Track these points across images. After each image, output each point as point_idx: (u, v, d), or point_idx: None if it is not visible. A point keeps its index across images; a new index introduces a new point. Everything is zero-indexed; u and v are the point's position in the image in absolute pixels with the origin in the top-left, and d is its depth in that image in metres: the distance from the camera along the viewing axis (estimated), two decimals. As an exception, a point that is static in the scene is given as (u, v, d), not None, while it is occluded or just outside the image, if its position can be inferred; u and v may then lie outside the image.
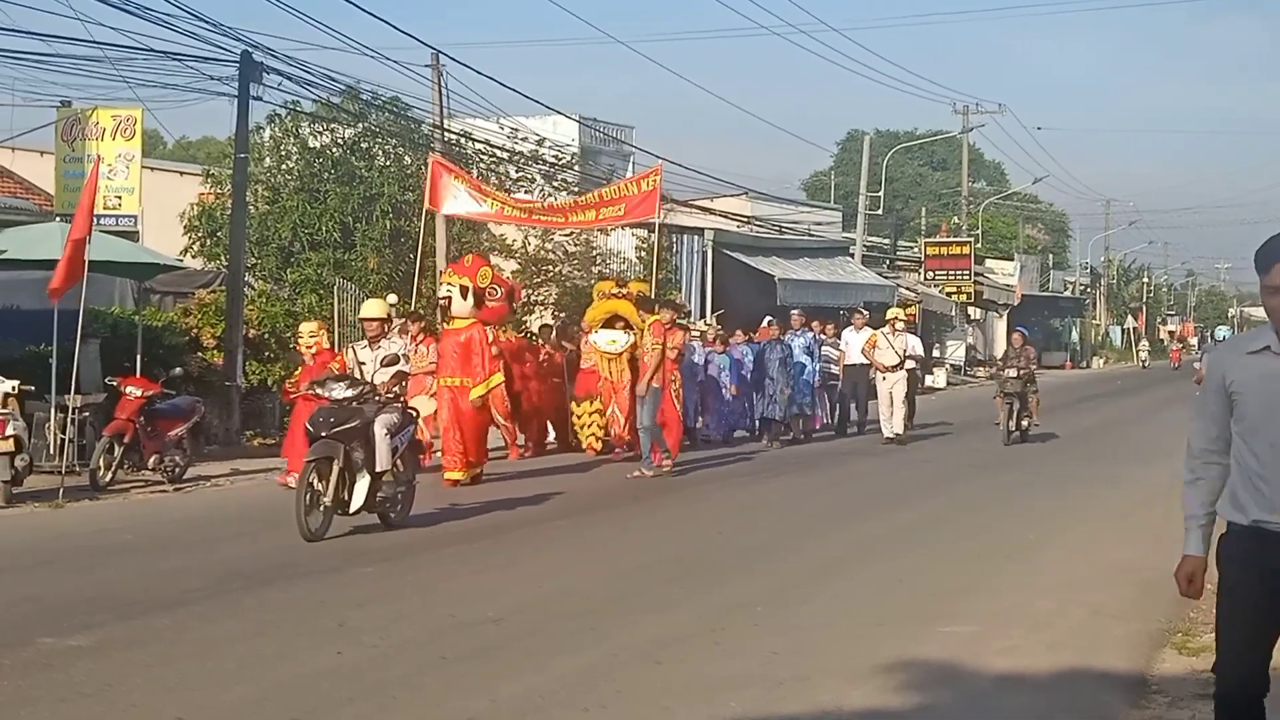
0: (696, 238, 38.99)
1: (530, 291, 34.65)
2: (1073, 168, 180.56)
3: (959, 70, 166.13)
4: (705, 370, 25.72)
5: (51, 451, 18.26)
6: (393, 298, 20.45)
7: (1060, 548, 14.00)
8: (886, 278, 50.11)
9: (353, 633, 9.64)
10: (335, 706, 7.85)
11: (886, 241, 64.09)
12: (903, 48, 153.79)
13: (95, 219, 18.28)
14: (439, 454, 19.06)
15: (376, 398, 14.06)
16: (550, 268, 35.33)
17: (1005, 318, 66.39)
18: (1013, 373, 25.22)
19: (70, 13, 42.69)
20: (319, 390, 14.22)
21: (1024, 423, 25.53)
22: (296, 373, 19.71)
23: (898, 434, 25.50)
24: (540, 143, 37.15)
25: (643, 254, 37.16)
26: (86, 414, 18.32)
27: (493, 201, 22.99)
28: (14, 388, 16.24)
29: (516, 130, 36.13)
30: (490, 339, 19.34)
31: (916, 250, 60.50)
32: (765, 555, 13.28)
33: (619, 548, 13.81)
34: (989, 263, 65.48)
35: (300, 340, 19.24)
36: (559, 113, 42.09)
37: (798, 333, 27.04)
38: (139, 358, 20.16)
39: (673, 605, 10.78)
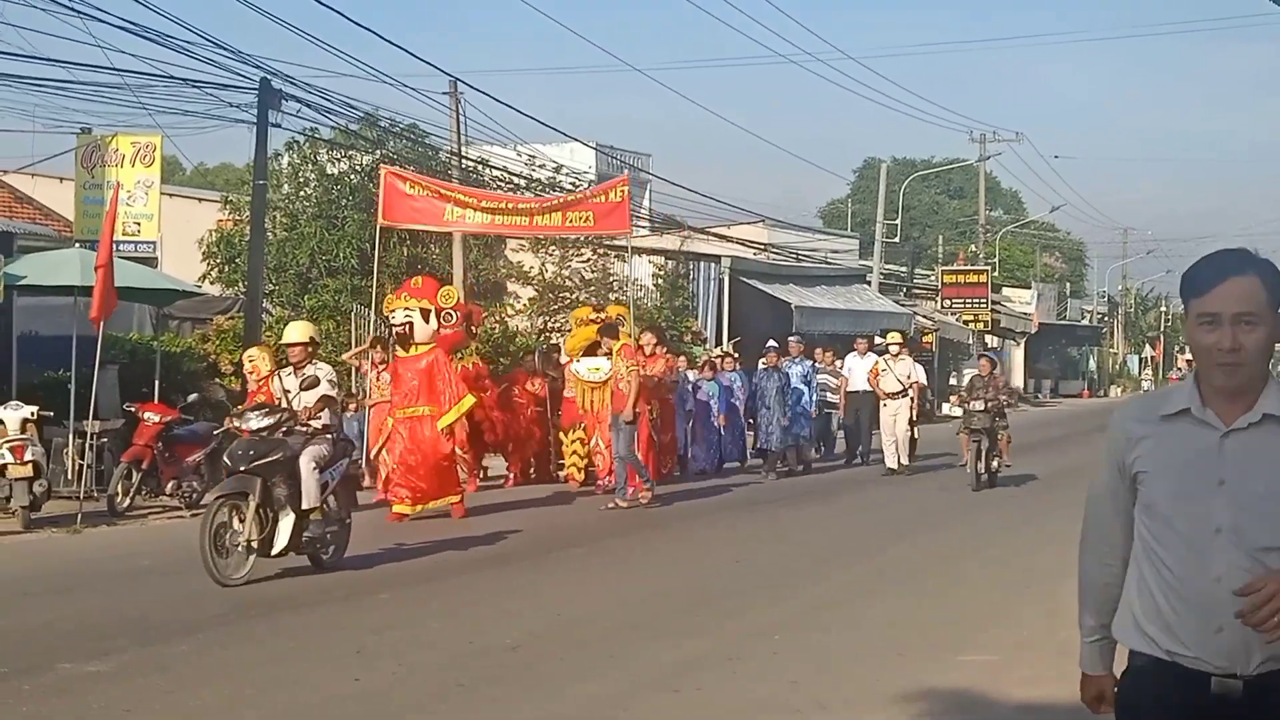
0: (713, 265, 39.03)
1: (548, 319, 34.67)
2: (1090, 196, 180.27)
3: (976, 98, 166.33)
4: (694, 397, 25.01)
5: (70, 477, 18.29)
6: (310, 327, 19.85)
7: (1080, 576, 13.91)
8: (903, 305, 50.08)
9: (370, 659, 9.63)
10: (353, 733, 7.83)
11: (904, 269, 64.08)
12: (920, 76, 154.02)
13: (115, 245, 18.32)
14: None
15: (302, 427, 13.07)
16: (567, 295, 35.36)
17: (1023, 346, 66.31)
18: (980, 405, 22.43)
19: (91, 40, 42.93)
20: (236, 422, 13.26)
21: (994, 463, 22.53)
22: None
23: (903, 464, 24.76)
24: (557, 169, 37.26)
25: (660, 281, 37.18)
26: (105, 440, 18.35)
27: (453, 207, 21.08)
28: (33, 413, 16.28)
29: (534, 157, 36.23)
30: (450, 363, 18.40)
31: (934, 278, 60.48)
32: (783, 583, 13.23)
33: (636, 575, 13.78)
34: (1006, 291, 65.42)
35: (249, 365, 18.12)
36: (576, 140, 42.25)
37: (795, 361, 26.33)
38: (157, 384, 20.20)
39: (691, 633, 10.74)
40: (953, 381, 51.48)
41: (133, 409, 18.38)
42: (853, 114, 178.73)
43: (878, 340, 27.24)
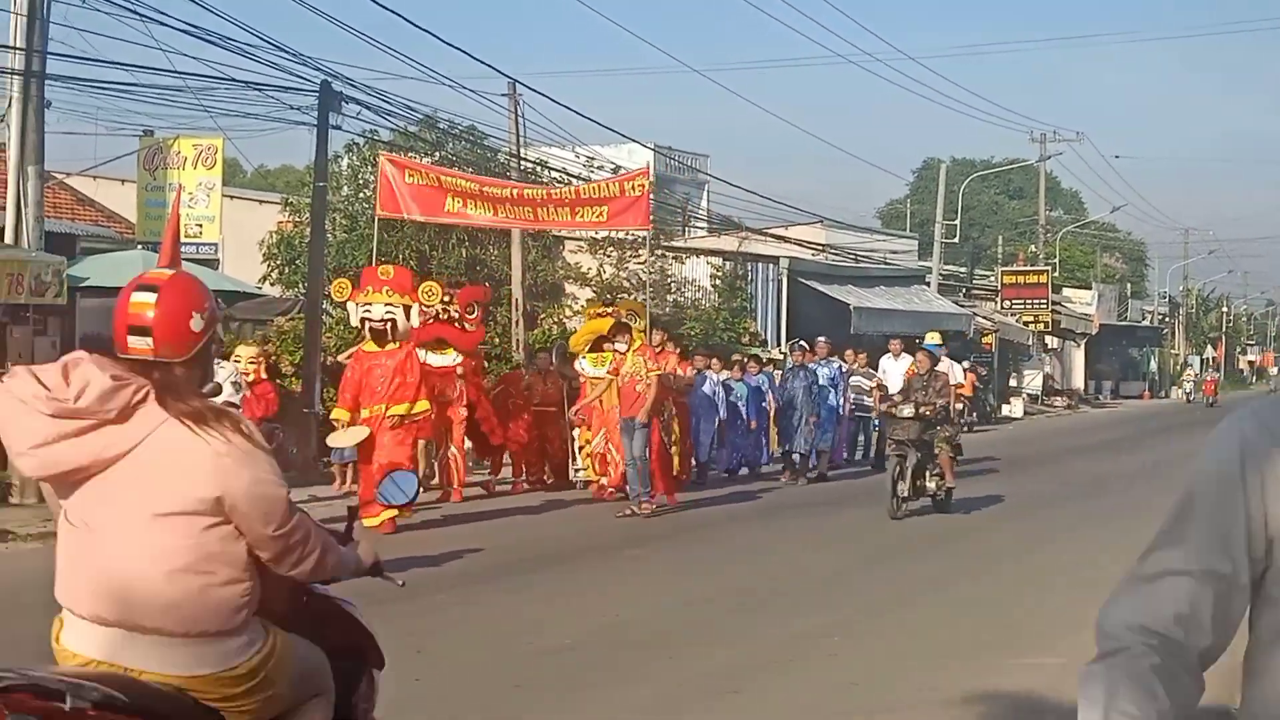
0: (771, 266, 38.94)
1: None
2: (1151, 196, 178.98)
3: (1036, 98, 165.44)
4: (727, 400, 23.73)
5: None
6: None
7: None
8: (963, 306, 49.79)
9: (430, 659, 9.67)
10: (413, 733, 7.86)
11: (963, 270, 63.75)
12: (980, 76, 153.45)
13: (178, 247, 18.46)
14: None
15: None
16: (625, 295, 35.36)
17: (1083, 347, 65.89)
18: (908, 411, 18.20)
19: (153, 43, 43.12)
20: None
21: (931, 484, 18.38)
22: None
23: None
24: (615, 170, 37.23)
25: (717, 282, 37.15)
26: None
27: (454, 199, 20.15)
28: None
29: (592, 159, 36.26)
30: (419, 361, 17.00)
31: (993, 279, 60.17)
32: (838, 586, 13.21)
33: (691, 577, 13.77)
34: (1066, 291, 64.95)
35: (236, 365, 15.38)
36: (634, 141, 42.27)
37: (822, 361, 25.31)
38: (218, 384, 20.31)
39: (747, 635, 10.74)
40: (1013, 382, 51.26)
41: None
42: (912, 114, 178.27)
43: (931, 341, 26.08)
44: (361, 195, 31.85)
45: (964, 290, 56.94)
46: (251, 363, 16.85)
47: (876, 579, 13.70)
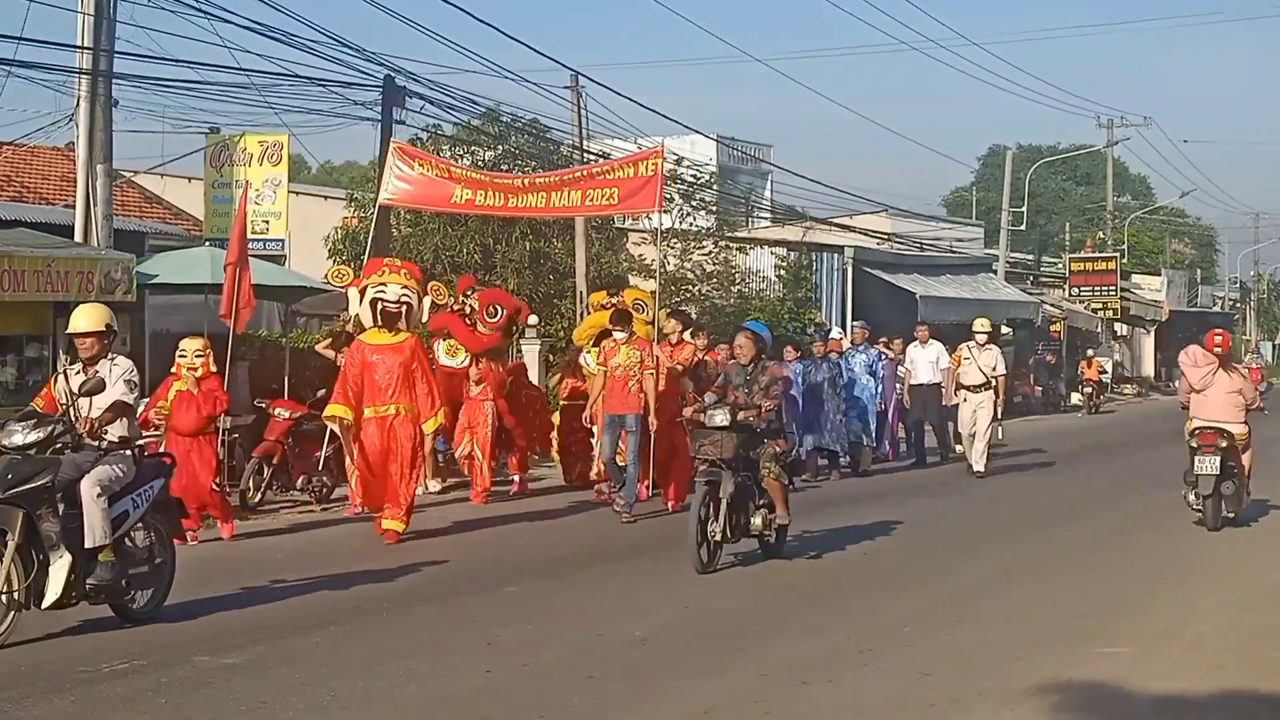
0: (836, 255, 38.78)
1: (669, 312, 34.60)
2: (1220, 180, 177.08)
3: (1103, 83, 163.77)
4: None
5: (203, 472, 18.50)
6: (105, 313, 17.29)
7: (1217, 569, 13.67)
8: (1030, 294, 49.45)
9: (501, 652, 9.67)
10: (485, 726, 7.85)
11: (1030, 257, 63.33)
12: (1045, 61, 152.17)
13: (246, 243, 18.54)
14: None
15: (97, 443, 10.45)
16: (689, 288, 35.32)
17: (1153, 334, 65.30)
18: (722, 418, 13.06)
19: (218, 40, 43.47)
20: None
21: (756, 520, 13.34)
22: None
23: (986, 467, 22.00)
24: (678, 162, 37.19)
25: (782, 272, 37.03)
26: (236, 436, 18.56)
27: (462, 189, 19.29)
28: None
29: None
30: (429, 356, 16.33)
31: (1061, 266, 59.72)
32: (913, 576, 13.10)
33: (764, 568, 13.68)
34: (1135, 278, 64.41)
35: (181, 360, 15.32)
36: (697, 132, 42.16)
37: (859, 348, 23.77)
38: (286, 380, 20.42)
39: (821, 626, 10.68)
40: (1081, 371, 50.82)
41: (263, 405, 18.59)
42: (977, 100, 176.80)
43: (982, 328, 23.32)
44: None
45: (1031, 278, 56.56)
46: (198, 356, 15.24)
47: (949, 570, 13.57)
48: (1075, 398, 46.64)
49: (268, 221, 25.51)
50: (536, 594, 12.12)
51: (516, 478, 19.72)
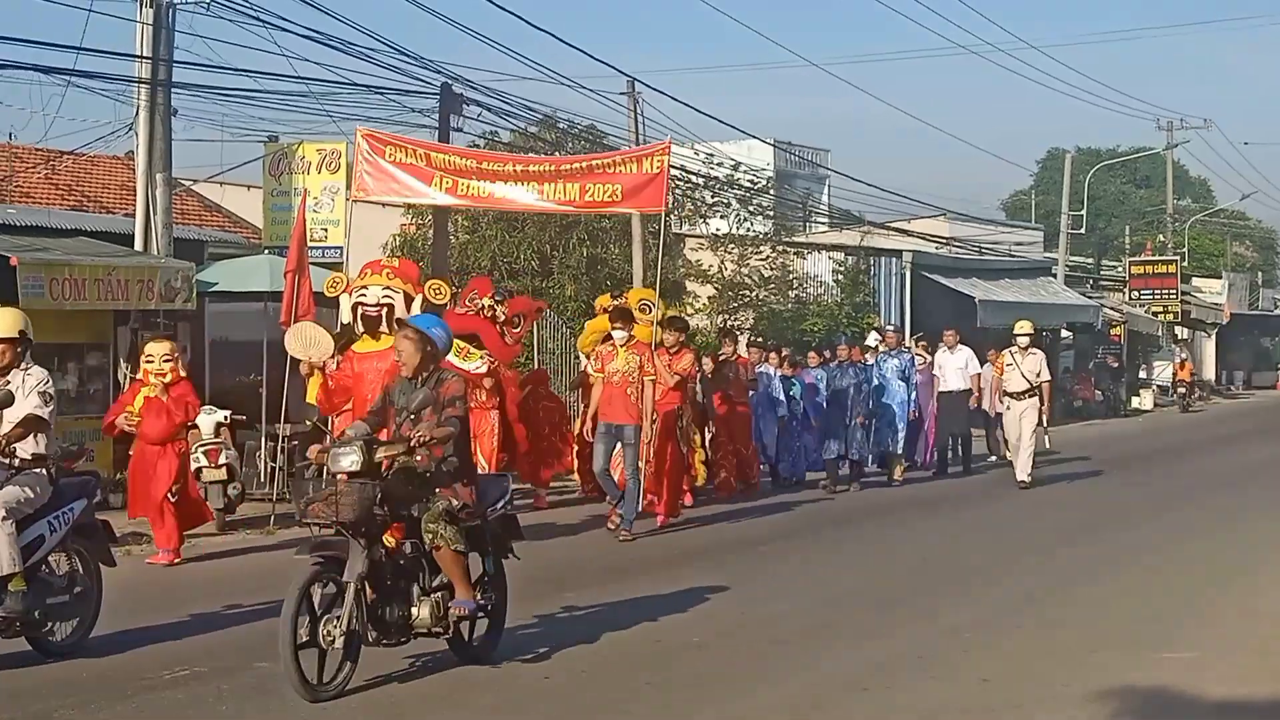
0: (895, 260, 38.67)
1: (728, 317, 34.61)
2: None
3: (1162, 85, 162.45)
4: (786, 398, 21.66)
5: (262, 479, 18.63)
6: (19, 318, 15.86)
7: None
8: (1090, 298, 49.14)
9: (559, 658, 9.66)
10: (544, 731, 7.85)
11: (1089, 261, 62.90)
12: (1104, 63, 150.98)
13: (305, 251, 18.63)
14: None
15: (7, 461, 9.51)
16: (747, 293, 35.27)
17: (1214, 337, 64.77)
18: (350, 460, 8.96)
19: (276, 49, 43.84)
20: None
21: (423, 611, 9.07)
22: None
23: (1031, 476, 21.16)
24: (735, 167, 37.17)
25: (840, 277, 36.94)
26: (295, 442, 18.66)
27: (442, 176, 17.43)
28: (226, 418, 16.59)
29: (712, 155, 36.18)
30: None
31: (1121, 269, 59.32)
32: (971, 582, 13.05)
33: (822, 574, 13.66)
34: (1196, 281, 63.91)
35: (149, 366, 14.47)
36: (754, 137, 42.13)
37: (891, 353, 22.60)
38: (346, 387, 20.46)
39: (879, 631, 10.64)
40: (1142, 374, 50.48)
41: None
42: (1035, 104, 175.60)
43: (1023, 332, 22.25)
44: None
45: (1091, 281, 56.20)
46: (166, 360, 14.33)
47: (1006, 576, 13.53)
48: (1136, 401, 46.36)
49: (326, 229, 25.61)
50: (593, 599, 12.11)
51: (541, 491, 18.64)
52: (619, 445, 15.85)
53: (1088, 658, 9.62)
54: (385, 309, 14.52)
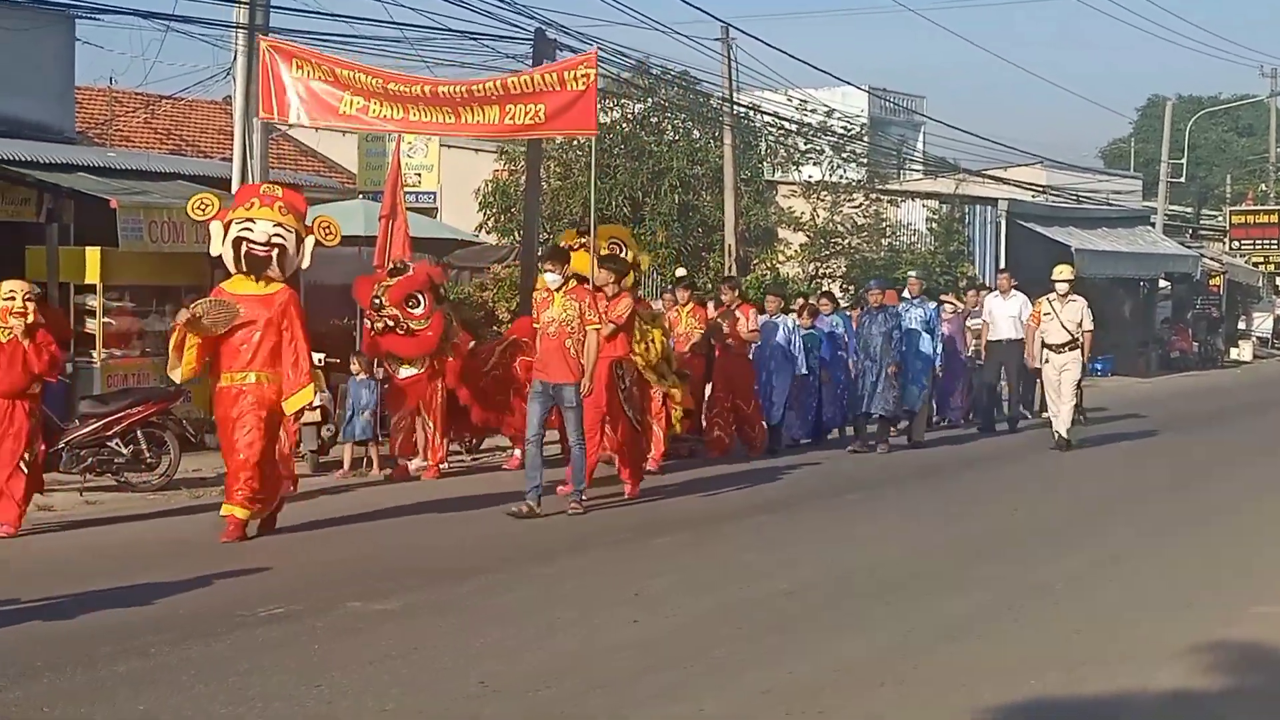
0: (990, 208, 38.28)
1: (819, 265, 34.45)
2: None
3: (1266, 32, 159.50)
4: (804, 350, 19.33)
5: (355, 422, 18.76)
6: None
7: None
8: (1189, 248, 48.45)
9: (648, 603, 9.71)
10: (633, 676, 7.89)
11: (1189, 210, 62.02)
12: (1207, 9, 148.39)
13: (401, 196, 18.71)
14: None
15: None
16: (839, 240, 35.08)
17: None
18: None
19: (371, -4, 43.99)
20: None
21: None
22: None
23: (1069, 433, 19.31)
24: (829, 114, 36.92)
25: (934, 226, 36.66)
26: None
27: (351, 97, 15.41)
28: (321, 360, 16.74)
29: (805, 102, 35.96)
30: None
31: (1221, 219, 58.43)
32: (1063, 536, 12.96)
33: (911, 525, 13.62)
34: (1298, 232, 62.88)
35: (8, 304, 12.42)
36: (848, 83, 41.82)
37: (914, 302, 20.51)
38: (438, 331, 20.56)
39: (969, 584, 10.60)
40: (1242, 325, 49.76)
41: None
42: (1136, 50, 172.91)
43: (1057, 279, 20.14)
44: (574, 143, 32.00)
45: (1190, 231, 55.41)
46: (28, 299, 12.45)
47: (1105, 528, 13.43)
48: (1235, 353, 45.76)
49: (420, 174, 25.78)
50: (683, 546, 12.15)
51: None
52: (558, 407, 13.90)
53: (1180, 612, 9.55)
54: (277, 250, 12.40)
